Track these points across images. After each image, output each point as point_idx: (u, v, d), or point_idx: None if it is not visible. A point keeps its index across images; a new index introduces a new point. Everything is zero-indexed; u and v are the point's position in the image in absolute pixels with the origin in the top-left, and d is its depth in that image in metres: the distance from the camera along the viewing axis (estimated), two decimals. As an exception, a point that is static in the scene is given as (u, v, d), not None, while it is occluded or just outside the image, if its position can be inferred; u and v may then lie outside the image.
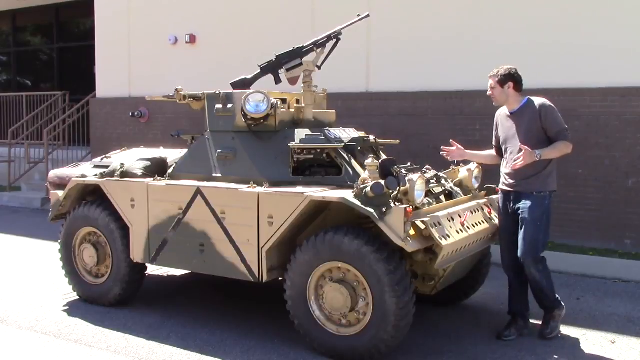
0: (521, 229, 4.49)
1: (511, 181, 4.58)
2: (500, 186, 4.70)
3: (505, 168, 4.66)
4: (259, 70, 5.17)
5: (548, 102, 4.53)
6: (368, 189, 3.87)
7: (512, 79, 4.54)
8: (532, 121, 4.48)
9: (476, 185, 4.97)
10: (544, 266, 4.56)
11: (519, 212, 4.51)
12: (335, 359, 4.15)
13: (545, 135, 4.48)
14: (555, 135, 4.45)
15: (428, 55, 7.88)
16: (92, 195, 5.45)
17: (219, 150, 4.85)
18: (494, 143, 4.88)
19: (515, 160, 4.43)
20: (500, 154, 4.84)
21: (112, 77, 10.94)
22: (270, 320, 4.89)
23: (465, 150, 4.98)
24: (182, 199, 4.68)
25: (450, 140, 5.06)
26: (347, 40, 5.29)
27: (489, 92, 4.65)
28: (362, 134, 5.16)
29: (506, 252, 4.70)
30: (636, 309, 5.36)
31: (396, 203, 3.90)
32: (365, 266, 3.94)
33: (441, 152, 5.03)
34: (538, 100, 4.55)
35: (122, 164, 5.21)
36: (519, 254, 4.50)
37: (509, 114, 4.64)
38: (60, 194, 5.46)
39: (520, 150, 4.41)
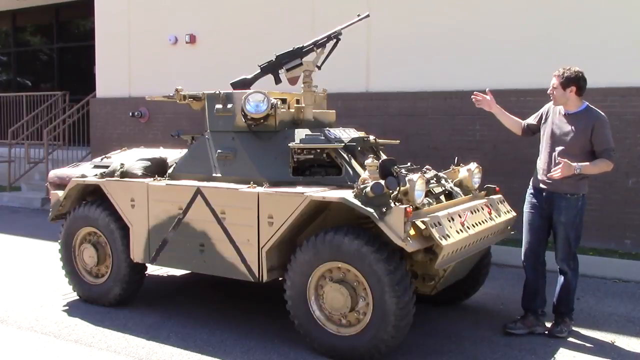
0: (555, 229, 4.61)
1: (545, 178, 4.61)
2: (533, 181, 4.73)
3: (541, 162, 4.67)
4: (259, 70, 5.17)
5: (605, 117, 4.54)
6: (368, 189, 3.87)
7: (576, 83, 4.52)
8: (584, 131, 4.48)
9: (476, 185, 4.97)
10: (575, 264, 4.66)
11: (552, 212, 4.58)
12: (335, 359, 4.15)
13: (590, 147, 4.49)
14: (600, 152, 4.46)
15: (428, 55, 7.88)
16: (92, 195, 5.45)
17: (219, 150, 4.85)
18: (528, 121, 4.89)
19: (554, 169, 4.43)
20: (526, 133, 4.92)
21: (112, 77, 10.94)
22: (270, 320, 4.89)
23: (495, 104, 4.96)
24: (182, 199, 4.68)
25: (487, 89, 5.04)
26: (347, 40, 5.29)
27: (549, 91, 4.61)
28: (362, 134, 5.16)
29: (527, 246, 4.77)
30: (636, 309, 5.36)
31: (396, 203, 3.90)
32: (365, 266, 3.93)
33: (472, 97, 5.03)
34: (596, 113, 4.55)
35: (122, 164, 5.21)
36: (556, 254, 4.63)
37: (564, 113, 4.61)
38: (60, 194, 5.46)
39: (564, 153, 4.46)
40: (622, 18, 6.83)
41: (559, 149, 4.53)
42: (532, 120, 4.91)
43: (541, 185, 4.65)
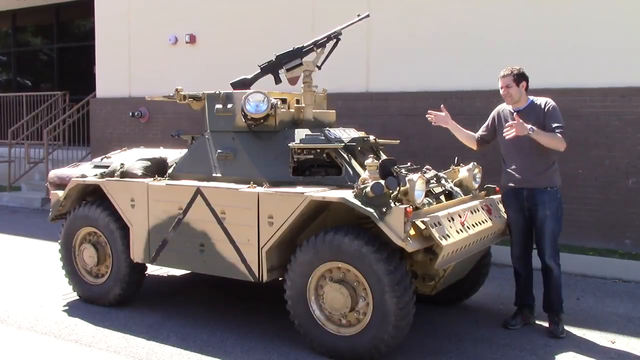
0: (541, 225, 4.61)
1: (521, 178, 4.64)
2: (510, 184, 4.73)
3: (511, 164, 4.71)
4: (259, 70, 5.17)
5: (552, 102, 4.66)
6: (368, 189, 3.87)
7: (524, 78, 4.69)
8: (538, 118, 4.58)
9: (476, 185, 4.97)
10: (559, 260, 4.70)
11: (536, 208, 4.60)
12: (335, 359, 4.15)
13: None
14: (552, 129, 4.54)
15: (428, 55, 7.88)
16: (92, 195, 5.45)
17: (219, 150, 4.85)
18: (482, 132, 5.02)
19: (506, 131, 4.47)
20: (482, 144, 5.06)
21: (112, 77, 10.94)
22: (270, 320, 4.89)
23: (451, 120, 5.14)
24: (182, 199, 4.68)
25: (442, 106, 5.20)
26: (347, 40, 5.28)
27: (502, 91, 4.70)
28: (362, 134, 5.16)
29: (516, 246, 4.82)
30: (636, 309, 5.36)
31: (396, 203, 3.90)
32: (365, 266, 3.93)
33: (427, 115, 5.17)
34: (543, 99, 4.68)
35: (122, 164, 5.21)
36: (543, 252, 4.64)
37: (514, 112, 4.69)
38: (60, 194, 5.46)
39: (529, 148, 4.51)
40: (622, 18, 6.83)
41: (524, 144, 4.57)
42: (482, 131, 5.03)
43: (518, 186, 4.67)
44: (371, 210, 3.84)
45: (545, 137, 4.48)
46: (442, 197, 4.70)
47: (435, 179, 4.83)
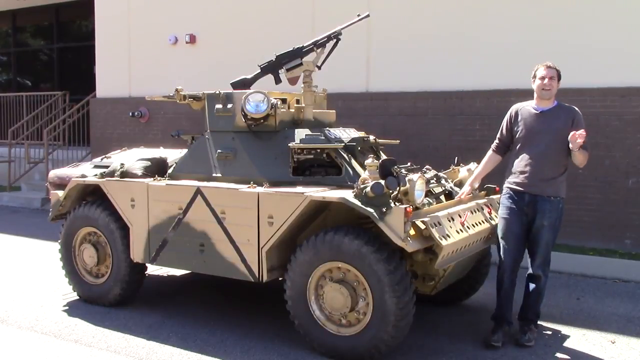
0: (536, 234, 4.44)
1: (526, 181, 4.42)
2: (512, 185, 4.49)
3: (520, 165, 4.46)
4: (259, 70, 5.17)
5: (580, 112, 4.48)
6: (368, 189, 3.87)
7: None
8: (565, 124, 4.38)
9: (476, 185, 4.96)
10: (548, 270, 4.56)
11: (534, 216, 4.41)
12: (335, 359, 4.15)
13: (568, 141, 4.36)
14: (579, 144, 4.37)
15: (428, 55, 7.88)
16: (92, 195, 5.45)
17: (219, 150, 4.86)
18: (500, 137, 4.68)
19: (576, 138, 4.19)
20: (500, 150, 4.69)
21: (112, 77, 10.94)
22: (270, 320, 4.89)
23: (474, 186, 4.77)
24: (182, 199, 4.68)
25: (463, 194, 4.77)
26: (347, 40, 5.28)
27: (545, 82, 4.41)
28: (362, 134, 5.16)
29: (508, 254, 4.53)
30: (636, 309, 5.36)
31: (396, 203, 3.90)
32: (365, 266, 3.93)
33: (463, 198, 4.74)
34: (571, 106, 4.50)
35: (122, 164, 5.21)
36: (534, 261, 4.48)
37: (537, 111, 4.48)
38: (60, 194, 5.46)
39: (545, 151, 4.36)
40: (622, 18, 6.83)
41: (541, 146, 4.39)
42: (499, 138, 4.69)
43: (522, 189, 4.44)
44: (371, 210, 3.84)
45: (582, 155, 4.33)
46: (442, 197, 4.70)
47: (435, 179, 4.83)
